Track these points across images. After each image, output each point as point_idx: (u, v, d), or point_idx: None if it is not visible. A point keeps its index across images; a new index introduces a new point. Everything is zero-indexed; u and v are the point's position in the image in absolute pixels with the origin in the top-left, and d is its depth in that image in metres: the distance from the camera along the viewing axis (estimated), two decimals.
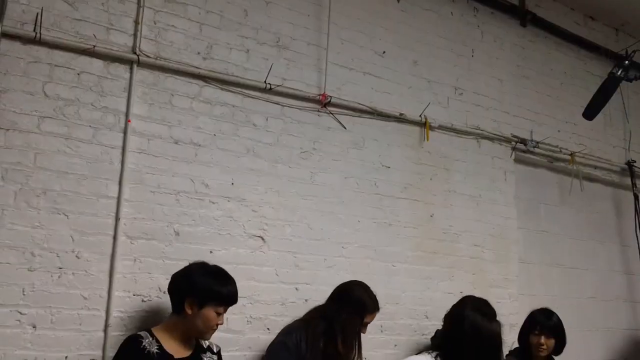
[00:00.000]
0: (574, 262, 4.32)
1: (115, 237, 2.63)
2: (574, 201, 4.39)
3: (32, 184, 2.51)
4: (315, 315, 2.82)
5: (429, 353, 2.66)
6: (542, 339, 3.20)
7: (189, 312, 2.36)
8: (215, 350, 2.57)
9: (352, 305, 2.80)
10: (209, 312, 2.37)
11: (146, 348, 2.31)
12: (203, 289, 2.37)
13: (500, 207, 3.96)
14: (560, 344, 3.26)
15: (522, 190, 4.12)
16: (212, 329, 2.42)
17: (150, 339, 2.35)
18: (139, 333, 2.38)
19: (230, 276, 2.50)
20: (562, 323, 3.29)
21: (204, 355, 2.48)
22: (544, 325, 3.23)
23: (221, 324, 2.44)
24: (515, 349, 3.32)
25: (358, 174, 3.41)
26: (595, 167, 4.56)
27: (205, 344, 2.54)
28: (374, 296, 2.89)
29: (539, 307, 3.38)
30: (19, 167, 2.49)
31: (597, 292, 4.41)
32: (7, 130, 2.50)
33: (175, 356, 2.37)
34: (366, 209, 3.40)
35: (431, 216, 3.64)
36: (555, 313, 3.32)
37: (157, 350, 2.33)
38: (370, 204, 3.43)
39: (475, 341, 2.58)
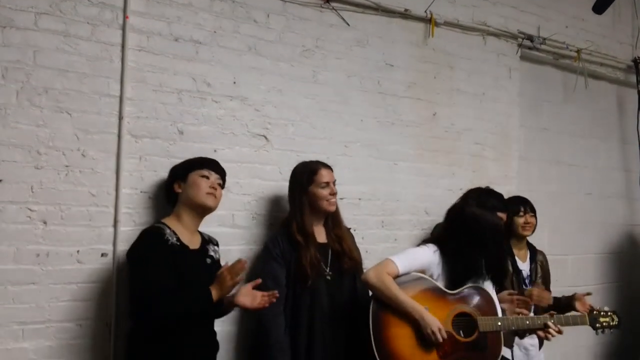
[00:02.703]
0: (573, 159, 4.36)
1: (119, 136, 2.65)
2: (577, 99, 4.35)
3: (33, 82, 2.49)
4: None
5: (427, 245, 2.76)
6: (528, 218, 3.36)
7: (180, 190, 2.52)
8: (215, 242, 2.67)
9: (299, 182, 2.80)
10: (194, 177, 2.50)
11: (169, 240, 2.40)
12: (180, 167, 2.59)
13: (503, 105, 3.94)
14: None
15: (526, 88, 4.08)
16: (207, 192, 2.50)
17: (169, 230, 2.44)
18: (156, 225, 2.47)
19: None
20: None
21: (208, 246, 2.59)
22: (526, 205, 3.40)
23: (214, 189, 2.52)
24: None
25: (361, 73, 3.37)
26: (601, 65, 4.49)
27: (206, 236, 2.64)
28: (312, 161, 2.88)
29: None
30: (18, 65, 2.47)
31: (595, 189, 4.48)
32: (4, 27, 2.45)
33: (190, 247, 2.48)
34: (369, 107, 3.39)
35: (434, 115, 3.64)
36: None
37: (177, 242, 2.42)
38: (373, 103, 3.41)
39: (476, 232, 2.68)
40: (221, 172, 2.60)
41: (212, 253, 2.57)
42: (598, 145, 4.54)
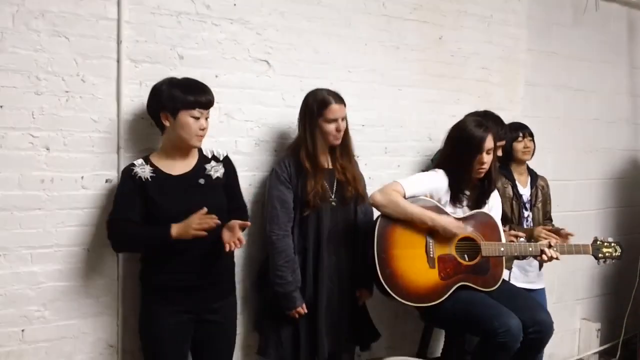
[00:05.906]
0: (581, 84, 4.27)
1: (118, 61, 2.60)
2: (587, 22, 4.23)
3: (29, 5, 2.42)
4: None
5: (436, 170, 2.80)
6: (527, 142, 3.39)
7: (167, 124, 2.46)
8: (221, 158, 2.63)
9: (310, 111, 2.77)
10: (185, 118, 2.43)
11: (137, 174, 2.44)
12: (170, 98, 2.43)
13: (512, 28, 3.84)
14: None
15: (534, 10, 3.96)
16: (196, 134, 2.46)
17: (145, 165, 2.47)
18: (133, 162, 2.50)
19: (200, 83, 2.53)
20: None
21: (207, 165, 2.58)
22: (525, 130, 3.42)
23: (204, 128, 2.48)
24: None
25: None
26: None
27: (209, 153, 2.62)
28: (326, 91, 2.80)
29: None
30: None
31: (601, 114, 4.42)
32: None
33: (174, 174, 2.49)
34: (373, 31, 3.31)
35: (440, 38, 3.55)
36: None
37: (150, 175, 2.45)
38: (378, 26, 3.32)
39: (454, 141, 2.78)
40: (210, 106, 2.53)
41: (210, 172, 2.55)
42: (606, 70, 4.44)
